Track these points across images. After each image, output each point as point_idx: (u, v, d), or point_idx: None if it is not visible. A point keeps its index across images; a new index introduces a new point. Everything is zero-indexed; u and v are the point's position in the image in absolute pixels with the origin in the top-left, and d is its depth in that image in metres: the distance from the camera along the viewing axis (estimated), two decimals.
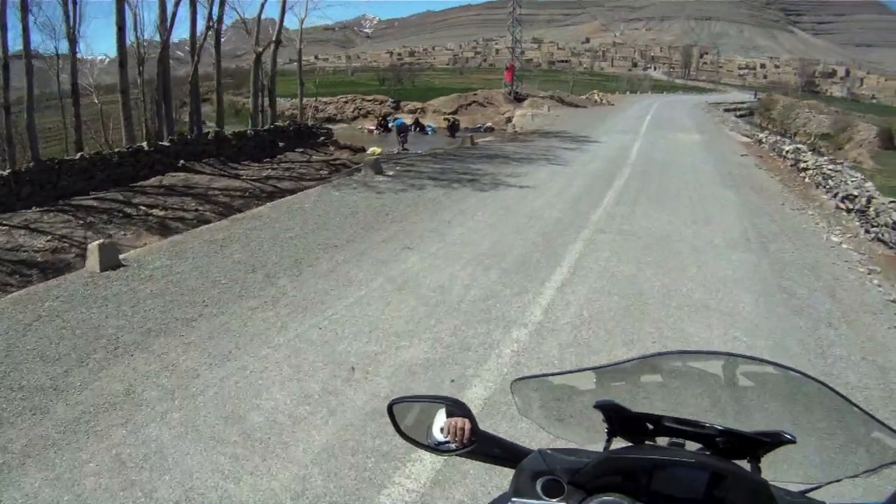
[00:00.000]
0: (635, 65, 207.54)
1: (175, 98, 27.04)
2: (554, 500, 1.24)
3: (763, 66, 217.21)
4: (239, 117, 42.50)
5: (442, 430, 1.41)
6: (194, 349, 5.74)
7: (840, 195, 13.70)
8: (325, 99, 47.81)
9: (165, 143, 20.47)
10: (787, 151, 20.16)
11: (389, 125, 40.85)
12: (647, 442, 1.34)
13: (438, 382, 5.16)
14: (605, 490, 1.20)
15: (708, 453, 1.29)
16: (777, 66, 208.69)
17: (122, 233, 13.91)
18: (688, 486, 1.17)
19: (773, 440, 1.26)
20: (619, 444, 1.35)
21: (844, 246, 10.27)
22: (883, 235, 10.87)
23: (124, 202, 15.93)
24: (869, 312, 7.18)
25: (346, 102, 46.45)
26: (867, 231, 11.48)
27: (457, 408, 1.42)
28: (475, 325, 6.33)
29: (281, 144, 24.04)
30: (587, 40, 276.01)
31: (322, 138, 26.32)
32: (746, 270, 8.48)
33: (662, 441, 1.33)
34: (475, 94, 46.12)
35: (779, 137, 26.81)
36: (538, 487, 1.27)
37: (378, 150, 26.78)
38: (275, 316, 6.56)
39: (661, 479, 1.18)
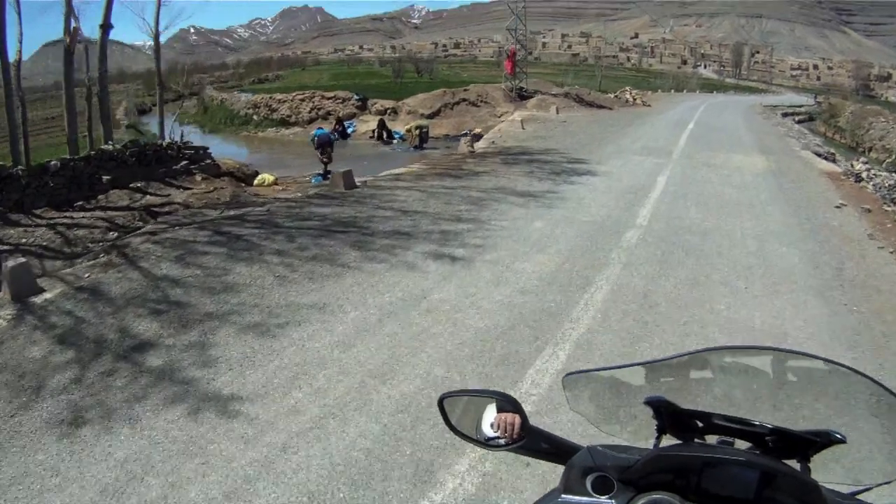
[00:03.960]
0: (685, 62, 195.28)
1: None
2: (604, 497, 1.19)
3: (816, 66, 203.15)
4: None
5: (492, 425, 1.36)
6: None
7: None
8: (279, 97, 37.74)
9: None
10: None
11: (349, 130, 31.34)
12: (696, 440, 1.28)
13: None
14: (654, 488, 1.16)
15: (757, 452, 1.23)
16: (830, 68, 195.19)
17: None
18: (738, 486, 1.12)
19: (822, 440, 1.20)
20: (668, 441, 1.29)
21: None
22: None
23: None
24: None
25: (302, 101, 36.32)
26: None
27: (507, 403, 1.37)
28: None
29: (105, 178, 14.84)
30: (636, 35, 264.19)
31: (186, 162, 16.83)
32: None
33: (711, 439, 1.28)
34: (466, 90, 35.10)
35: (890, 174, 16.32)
36: (588, 484, 1.22)
37: (271, 177, 17.39)
38: None
39: (711, 477, 1.13)
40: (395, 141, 28.27)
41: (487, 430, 1.35)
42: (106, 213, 13.46)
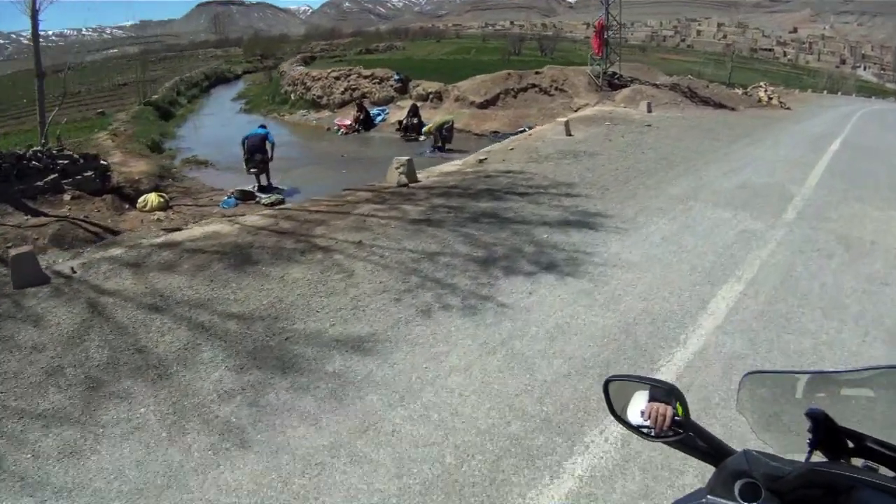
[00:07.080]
0: (843, 61, 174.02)
1: None
2: None
3: None
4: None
5: (643, 413, 1.31)
6: None
7: None
8: (314, 73, 30.56)
9: None
10: None
11: (375, 121, 24.18)
12: (841, 460, 1.20)
13: None
14: (800, 502, 1.10)
15: None
16: None
17: None
18: None
19: None
20: (816, 457, 1.21)
21: None
22: None
23: None
24: None
25: (336, 79, 29.01)
26: None
27: (663, 393, 1.31)
28: None
29: None
30: (794, 30, 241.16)
31: (55, 176, 11.34)
32: None
33: (857, 461, 1.20)
34: (538, 73, 25.84)
35: None
36: (736, 489, 1.14)
37: (156, 199, 11.78)
38: None
39: (857, 500, 1.04)
40: (422, 137, 20.80)
41: (634, 417, 1.29)
42: None
